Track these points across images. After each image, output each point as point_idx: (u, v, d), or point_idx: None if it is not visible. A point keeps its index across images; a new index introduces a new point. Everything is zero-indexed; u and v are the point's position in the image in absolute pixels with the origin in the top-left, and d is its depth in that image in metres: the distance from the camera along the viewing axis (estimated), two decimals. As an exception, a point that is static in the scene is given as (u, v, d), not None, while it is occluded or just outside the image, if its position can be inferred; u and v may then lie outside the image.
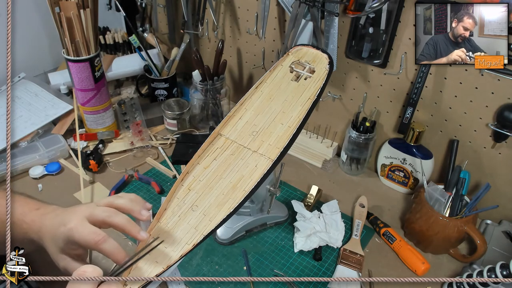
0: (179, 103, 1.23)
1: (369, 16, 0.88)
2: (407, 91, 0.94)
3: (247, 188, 0.59)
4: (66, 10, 0.97)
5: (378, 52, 0.92)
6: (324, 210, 0.91)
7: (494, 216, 0.91)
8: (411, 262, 0.83)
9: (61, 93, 1.24)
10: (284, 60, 0.75)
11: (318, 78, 0.70)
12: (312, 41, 0.95)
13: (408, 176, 0.99)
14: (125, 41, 1.39)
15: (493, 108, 0.83)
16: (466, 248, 0.88)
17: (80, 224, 0.56)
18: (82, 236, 0.55)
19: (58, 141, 1.11)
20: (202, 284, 0.81)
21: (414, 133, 0.93)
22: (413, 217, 0.87)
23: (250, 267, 0.83)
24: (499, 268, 0.68)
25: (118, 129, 1.20)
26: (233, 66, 1.28)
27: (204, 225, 0.57)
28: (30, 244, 0.61)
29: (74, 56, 1.02)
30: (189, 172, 0.63)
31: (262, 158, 0.62)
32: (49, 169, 1.04)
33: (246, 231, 0.89)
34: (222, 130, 0.67)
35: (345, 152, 1.06)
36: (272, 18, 1.07)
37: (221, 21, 1.22)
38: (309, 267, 0.84)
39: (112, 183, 1.02)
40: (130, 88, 1.36)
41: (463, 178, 0.83)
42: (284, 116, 0.66)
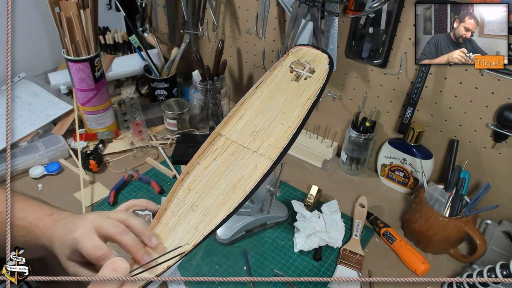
0: (179, 103, 1.23)
1: (369, 16, 0.88)
2: (407, 91, 0.94)
3: (247, 188, 0.59)
4: (66, 10, 0.97)
5: (378, 52, 0.92)
6: (324, 210, 0.91)
7: (494, 216, 0.91)
8: (411, 262, 0.83)
9: (61, 93, 1.24)
10: (284, 60, 0.74)
11: (318, 78, 0.70)
12: (312, 41, 0.95)
13: (408, 176, 0.99)
14: (125, 41, 1.39)
15: (493, 108, 0.83)
16: (466, 248, 0.88)
17: (86, 234, 0.55)
18: (85, 248, 0.54)
19: (58, 141, 1.11)
20: (202, 284, 0.81)
21: (414, 133, 0.93)
22: (413, 217, 0.87)
23: (250, 267, 0.83)
24: (499, 268, 0.68)
25: (118, 129, 1.20)
26: (233, 66, 1.28)
27: (204, 225, 0.57)
28: (42, 250, 0.61)
29: (74, 56, 1.02)
30: (189, 172, 0.63)
31: (262, 158, 0.62)
32: (49, 169, 1.04)
33: (246, 231, 0.89)
34: (222, 130, 0.67)
35: (345, 152, 1.06)
36: (272, 18, 1.07)
37: (221, 21, 1.22)
38: (309, 267, 0.84)
39: (112, 183, 1.02)
40: (130, 88, 1.36)
41: (463, 178, 0.83)
42: (284, 116, 0.66)
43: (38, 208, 0.64)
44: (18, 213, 0.63)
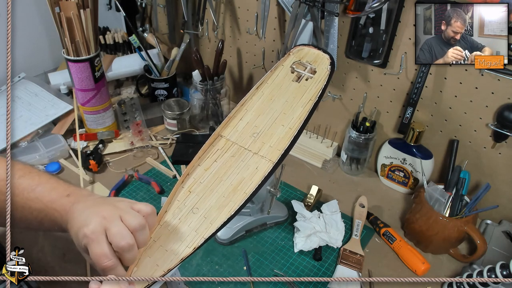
0: (179, 103, 1.23)
1: (369, 16, 0.88)
2: (407, 91, 0.94)
3: (248, 191, 0.59)
4: (66, 10, 0.97)
5: (378, 52, 0.92)
6: (324, 210, 0.91)
7: (494, 216, 0.91)
8: (411, 262, 0.83)
9: (61, 93, 1.24)
10: (285, 60, 0.74)
11: (319, 78, 0.70)
12: (312, 41, 0.94)
13: (408, 176, 0.99)
14: (125, 41, 1.39)
15: (493, 108, 0.83)
16: (466, 248, 0.88)
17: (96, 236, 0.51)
18: (93, 252, 0.51)
19: (58, 141, 1.11)
20: (202, 284, 0.81)
21: (414, 133, 0.93)
22: (413, 217, 0.87)
23: (250, 267, 0.83)
24: (499, 268, 0.68)
25: (118, 129, 1.20)
26: (233, 66, 1.28)
27: (205, 228, 0.57)
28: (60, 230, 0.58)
29: (74, 56, 1.02)
30: (190, 174, 0.63)
31: (263, 160, 0.62)
32: (49, 169, 1.04)
33: (246, 231, 0.89)
34: (222, 131, 0.67)
35: (345, 152, 1.06)
36: (272, 18, 1.07)
37: (221, 21, 1.21)
38: (309, 267, 0.84)
39: (112, 183, 1.02)
40: (130, 88, 1.36)
41: (463, 178, 0.83)
42: (285, 117, 0.66)
43: (51, 187, 0.60)
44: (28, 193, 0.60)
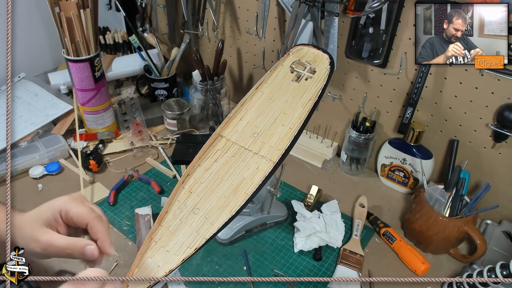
0: (179, 103, 1.23)
1: (369, 16, 0.88)
2: (407, 91, 0.94)
3: (249, 191, 0.59)
4: (66, 10, 0.97)
5: (378, 52, 0.92)
6: (324, 210, 0.91)
7: (494, 216, 0.91)
8: (411, 262, 0.83)
9: (61, 93, 1.24)
10: (284, 60, 0.74)
11: (319, 78, 0.70)
12: (312, 41, 0.94)
13: (408, 176, 0.99)
14: (125, 41, 1.39)
15: (493, 108, 0.83)
16: (466, 248, 0.88)
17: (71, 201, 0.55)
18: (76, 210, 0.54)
19: (58, 141, 1.11)
20: (202, 284, 0.81)
21: (414, 133, 0.93)
22: (413, 217, 0.87)
23: (250, 267, 0.83)
24: (499, 268, 0.68)
25: (118, 129, 1.20)
26: (233, 66, 1.28)
27: (206, 229, 0.57)
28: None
29: (74, 56, 1.02)
30: (190, 174, 0.63)
31: (263, 160, 0.62)
32: (49, 169, 1.04)
33: (246, 231, 0.89)
34: (222, 131, 0.67)
35: (345, 152, 1.06)
36: (272, 18, 1.07)
37: (221, 21, 1.21)
38: (309, 267, 0.84)
39: (112, 183, 1.02)
40: (130, 88, 1.36)
41: (463, 178, 0.83)
42: (285, 117, 0.66)
43: None
44: None
